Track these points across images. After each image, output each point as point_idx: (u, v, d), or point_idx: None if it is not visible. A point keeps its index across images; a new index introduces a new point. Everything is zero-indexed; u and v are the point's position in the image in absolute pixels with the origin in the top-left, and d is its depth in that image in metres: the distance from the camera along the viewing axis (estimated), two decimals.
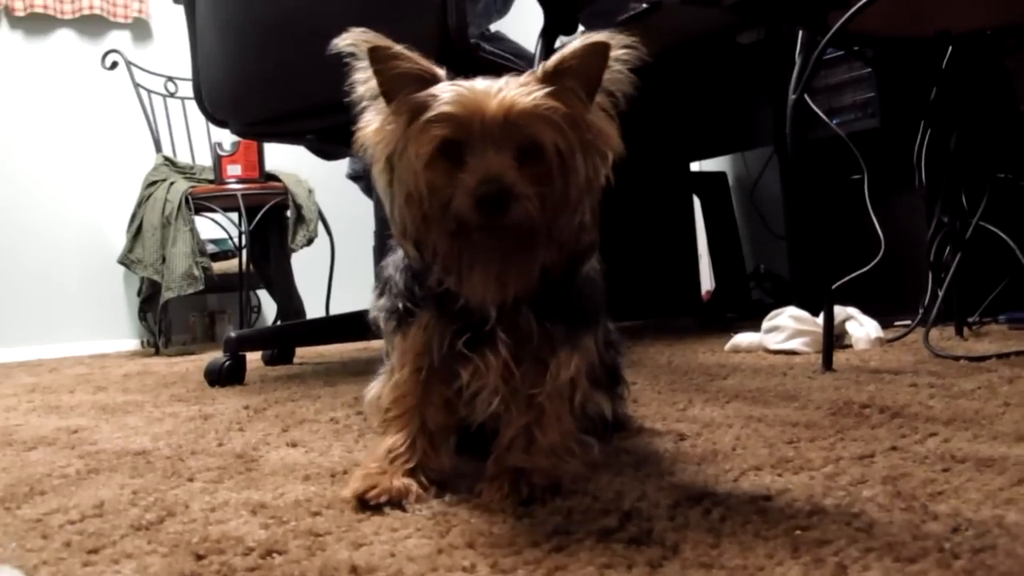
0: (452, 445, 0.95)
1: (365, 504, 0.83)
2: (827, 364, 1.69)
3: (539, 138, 0.79)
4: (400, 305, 0.91)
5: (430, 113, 0.80)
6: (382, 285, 0.96)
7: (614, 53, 0.83)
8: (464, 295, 0.84)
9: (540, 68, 0.83)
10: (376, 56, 0.83)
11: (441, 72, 0.84)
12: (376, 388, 0.97)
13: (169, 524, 0.83)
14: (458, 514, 0.80)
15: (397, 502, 0.84)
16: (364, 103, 0.86)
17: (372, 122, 0.86)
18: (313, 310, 3.67)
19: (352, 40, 0.84)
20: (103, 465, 1.16)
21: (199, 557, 0.72)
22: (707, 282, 3.73)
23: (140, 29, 4.46)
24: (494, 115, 0.78)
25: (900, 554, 0.64)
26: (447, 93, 0.80)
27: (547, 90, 0.81)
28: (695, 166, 3.74)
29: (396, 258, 0.93)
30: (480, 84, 0.81)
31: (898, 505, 0.76)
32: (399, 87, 0.83)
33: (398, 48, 0.84)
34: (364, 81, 0.85)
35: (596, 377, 0.98)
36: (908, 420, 1.14)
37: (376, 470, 0.89)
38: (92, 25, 4.34)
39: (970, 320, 2.13)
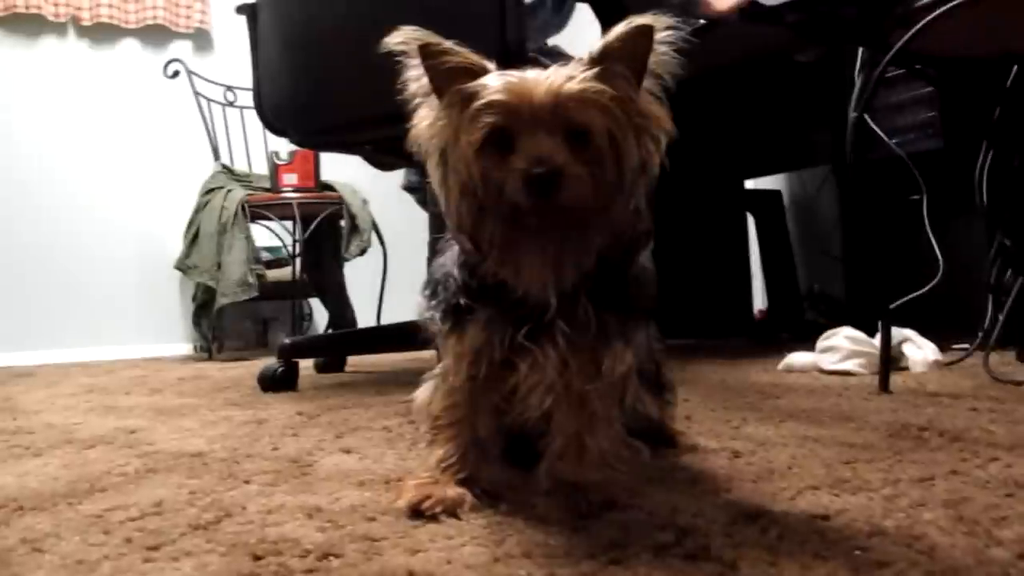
0: (500, 454, 0.95)
1: (419, 514, 0.84)
2: (883, 386, 1.66)
3: (588, 121, 0.79)
4: (457, 301, 0.89)
5: (479, 102, 0.80)
6: (434, 284, 0.94)
7: (658, 35, 0.83)
8: (521, 285, 0.83)
9: (587, 54, 0.83)
10: (427, 52, 0.84)
11: (491, 65, 0.85)
12: (426, 393, 0.97)
13: (227, 524, 0.85)
14: (513, 524, 0.80)
15: (451, 511, 0.84)
16: (417, 100, 0.87)
17: (425, 118, 0.86)
18: (364, 319, 3.70)
19: (402, 38, 0.85)
20: (160, 465, 1.18)
21: (257, 558, 0.73)
22: (760, 301, 3.69)
23: (201, 39, 4.54)
24: (542, 100, 0.79)
25: None
26: (496, 82, 0.81)
27: (594, 74, 0.81)
28: (750, 184, 3.72)
29: (452, 255, 0.92)
30: (530, 73, 0.82)
31: (960, 529, 0.75)
32: (450, 82, 0.84)
33: (448, 44, 0.84)
34: (416, 78, 0.86)
35: (645, 375, 0.97)
36: (968, 444, 1.11)
37: (428, 480, 0.89)
38: (155, 35, 4.43)
39: None
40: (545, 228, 0.80)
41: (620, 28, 0.82)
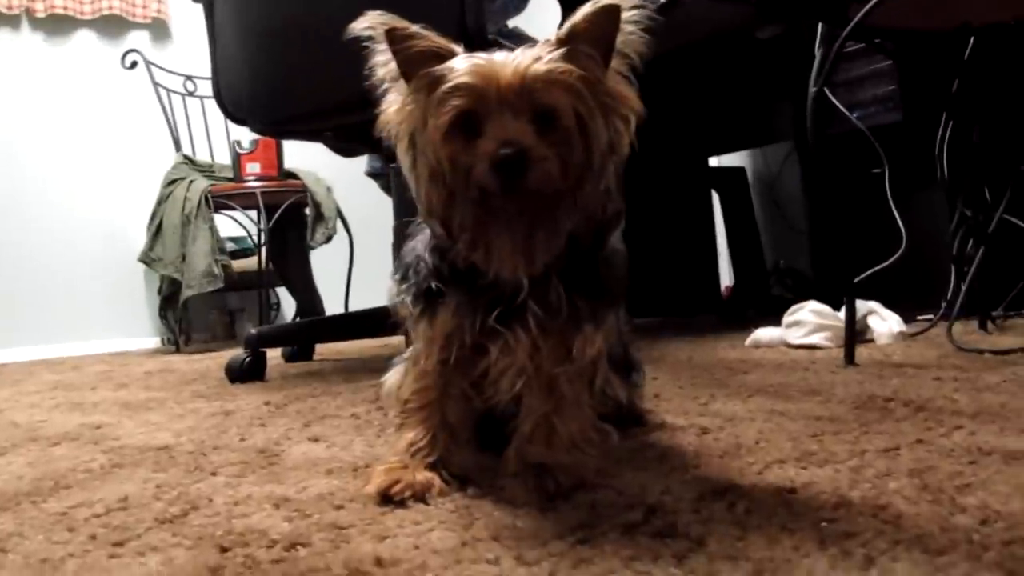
0: (470, 437, 0.94)
1: (388, 499, 0.83)
2: (849, 359, 1.67)
3: (555, 103, 0.79)
4: (429, 285, 0.89)
5: (446, 86, 0.80)
6: (405, 268, 0.94)
7: (625, 15, 0.82)
8: (492, 269, 0.83)
9: (554, 35, 0.82)
10: (393, 37, 0.83)
11: (459, 48, 0.84)
12: (395, 377, 0.97)
13: (193, 517, 0.84)
14: (481, 507, 0.80)
15: (420, 496, 0.84)
16: (385, 85, 0.86)
17: (393, 103, 0.86)
18: (332, 307, 3.68)
19: (369, 23, 0.84)
20: (126, 460, 1.16)
21: (224, 550, 0.72)
22: (726, 278, 3.71)
23: (159, 29, 4.49)
24: (509, 82, 0.78)
25: (928, 546, 0.63)
26: (462, 65, 0.80)
27: (560, 54, 0.80)
28: (713, 161, 3.73)
29: (423, 238, 0.92)
30: (497, 55, 0.81)
31: (925, 498, 0.75)
32: (418, 66, 0.83)
33: (415, 28, 0.84)
34: (384, 63, 0.85)
35: (614, 358, 0.97)
36: (933, 414, 1.13)
37: (398, 465, 0.89)
38: (112, 25, 4.37)
39: (994, 314, 2.11)
40: (514, 211, 0.79)
41: (587, 8, 0.82)
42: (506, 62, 0.79)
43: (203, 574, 0.67)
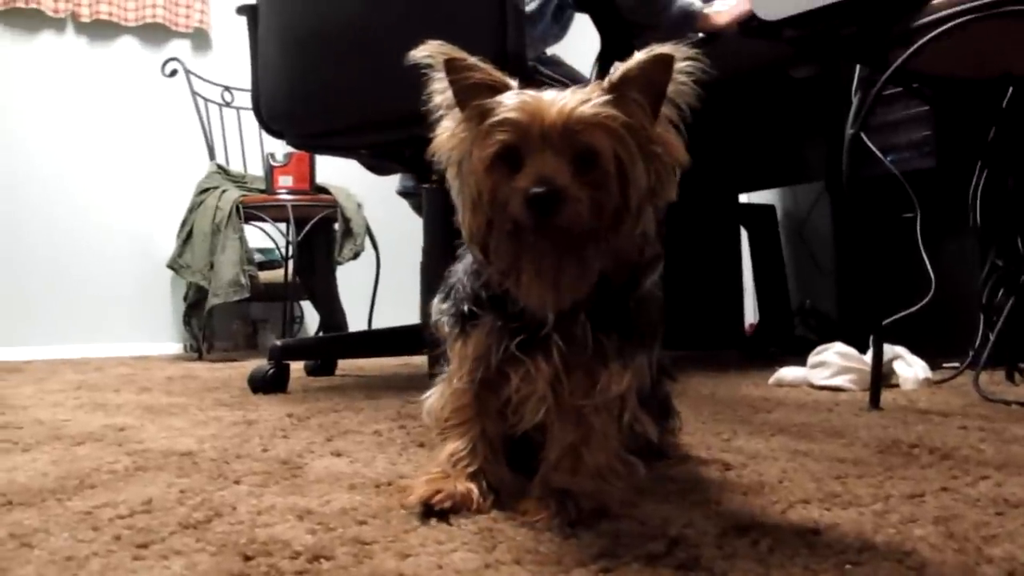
0: (505, 455, 0.96)
1: (430, 509, 0.84)
2: (874, 402, 1.66)
3: (596, 145, 0.80)
4: (465, 308, 0.92)
5: (493, 119, 0.82)
6: (447, 290, 0.97)
7: (678, 65, 0.84)
8: (521, 298, 0.85)
9: (606, 79, 0.84)
10: (452, 67, 0.86)
11: (513, 83, 0.87)
12: (435, 397, 0.98)
13: (216, 524, 0.84)
14: (504, 531, 0.80)
15: (459, 509, 0.85)
16: (440, 112, 0.89)
17: (446, 129, 0.88)
18: (355, 324, 3.70)
19: (429, 51, 0.87)
20: (150, 463, 1.17)
21: (247, 558, 0.73)
22: (751, 315, 3.70)
23: (200, 39, 4.54)
24: (553, 122, 0.80)
25: None
26: (511, 100, 0.83)
27: (608, 99, 0.82)
28: (744, 198, 3.73)
29: (466, 263, 0.95)
30: (547, 94, 0.83)
31: (951, 546, 0.75)
32: (472, 96, 0.86)
33: (472, 60, 0.87)
34: (441, 91, 0.88)
35: (645, 399, 0.98)
36: (959, 463, 1.12)
37: (439, 475, 0.90)
38: (154, 33, 4.43)
39: (1021, 365, 2.09)
40: (545, 246, 0.81)
41: (640, 56, 0.84)
42: (553, 101, 0.82)
43: None
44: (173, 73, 3.94)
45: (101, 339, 4.18)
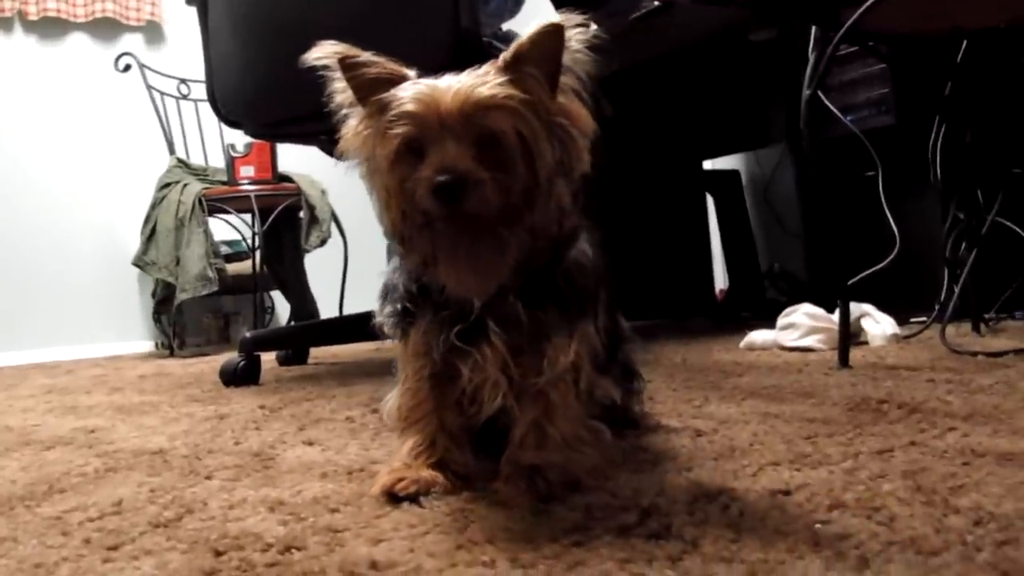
0: (469, 444, 0.95)
1: (394, 497, 0.84)
2: (843, 361, 1.68)
3: (497, 126, 0.80)
4: (400, 307, 0.93)
5: (391, 113, 0.82)
6: (385, 291, 0.97)
7: (569, 33, 0.83)
8: (446, 287, 0.85)
9: (500, 58, 0.84)
10: (347, 65, 0.86)
11: (411, 73, 0.86)
12: (393, 399, 0.98)
13: (188, 521, 0.84)
14: (476, 511, 0.80)
15: (426, 491, 0.85)
16: (344, 111, 0.89)
17: (352, 128, 0.88)
18: (326, 311, 3.68)
19: (321, 52, 0.87)
20: (121, 464, 1.16)
21: (218, 553, 0.72)
22: (721, 281, 3.71)
23: (153, 32, 4.48)
24: (450, 108, 0.80)
25: (922, 547, 0.63)
26: (407, 92, 0.82)
27: (504, 78, 0.82)
28: (708, 164, 3.73)
29: (396, 262, 0.95)
30: (442, 80, 0.83)
31: (919, 499, 0.76)
32: (371, 92, 0.86)
33: (367, 55, 0.86)
34: (341, 90, 0.88)
35: (603, 364, 0.98)
36: (926, 416, 1.13)
37: (401, 466, 0.90)
38: (105, 28, 4.35)
39: (987, 316, 2.12)
40: (457, 233, 0.81)
41: (531, 30, 0.83)
42: (448, 87, 0.81)
43: None
44: (127, 68, 3.88)
45: (71, 341, 4.14)
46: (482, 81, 0.81)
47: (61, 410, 1.84)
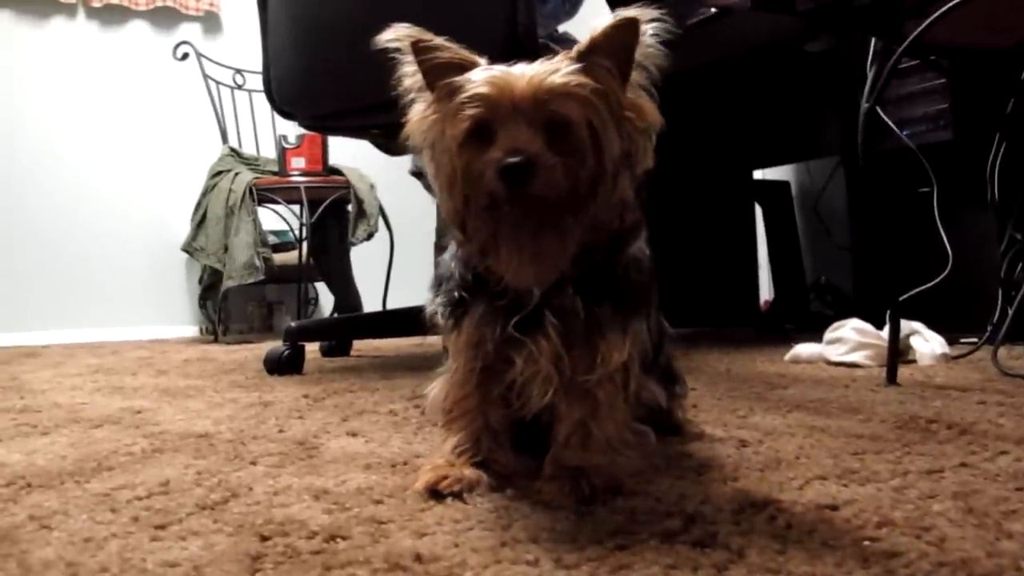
0: (511, 441, 0.95)
1: (437, 495, 0.84)
2: (891, 378, 1.66)
3: (568, 114, 0.80)
4: (456, 295, 0.92)
5: (463, 96, 0.82)
6: (439, 280, 0.97)
7: (644, 28, 0.83)
8: (505, 275, 0.84)
9: (574, 48, 0.83)
10: (418, 49, 0.86)
11: (481, 60, 0.86)
12: (437, 388, 0.98)
13: (233, 505, 0.85)
14: (520, 509, 0.80)
15: (470, 490, 0.85)
16: (412, 95, 0.88)
17: (418, 112, 0.88)
18: (370, 304, 3.70)
19: (394, 35, 0.87)
20: (167, 445, 1.18)
21: (264, 538, 0.73)
22: (766, 292, 3.68)
23: (211, 22, 4.54)
24: (523, 93, 0.80)
25: (974, 570, 0.62)
26: (480, 76, 0.82)
27: (577, 67, 0.82)
28: (758, 174, 3.70)
29: (452, 250, 0.94)
30: (516, 67, 0.83)
31: (970, 521, 0.74)
32: (441, 77, 0.86)
33: (439, 40, 0.87)
34: (411, 74, 0.88)
35: (649, 365, 0.97)
36: (977, 437, 1.11)
37: (444, 464, 0.90)
38: (164, 17, 4.42)
39: None
40: (521, 218, 0.80)
41: (606, 21, 0.83)
42: (522, 74, 0.81)
43: (244, 561, 0.67)
44: (184, 56, 3.94)
45: (117, 323, 4.20)
46: (555, 69, 0.81)
47: (108, 390, 1.87)
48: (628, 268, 0.90)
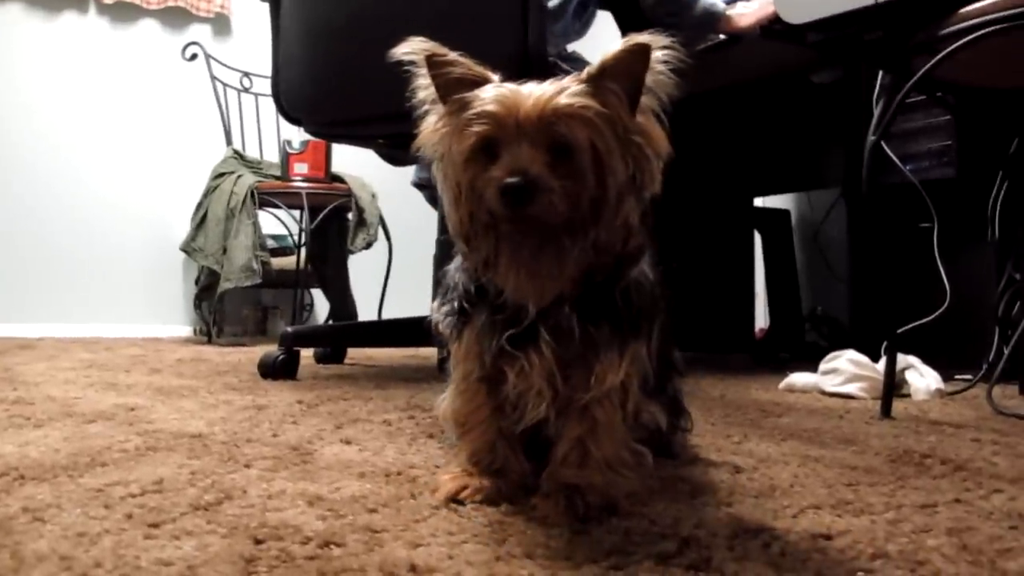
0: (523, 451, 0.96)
1: (459, 504, 0.86)
2: (886, 411, 1.66)
3: (572, 136, 0.80)
4: (458, 305, 0.93)
5: (471, 112, 0.83)
6: (444, 289, 0.97)
7: (655, 54, 0.83)
8: (503, 289, 0.86)
9: (585, 71, 0.84)
10: (433, 62, 0.87)
11: (494, 76, 0.88)
12: (448, 401, 0.98)
13: (227, 507, 0.84)
14: (514, 524, 0.80)
15: (490, 499, 0.86)
16: (425, 107, 0.89)
17: (430, 124, 0.89)
18: (365, 313, 3.70)
19: (410, 48, 0.88)
20: (160, 444, 1.18)
21: (258, 541, 0.73)
22: (761, 320, 3.69)
23: (220, 24, 4.55)
24: (528, 113, 0.80)
25: None
26: (489, 93, 0.83)
27: (585, 90, 0.82)
28: (758, 202, 3.71)
29: (457, 261, 0.95)
30: (525, 86, 0.84)
31: (964, 558, 0.74)
32: (454, 91, 0.87)
33: (453, 55, 0.88)
34: (424, 87, 0.89)
35: (652, 391, 0.98)
36: (972, 475, 1.11)
37: (462, 473, 0.91)
38: (175, 17, 4.43)
39: None
40: (521, 237, 0.82)
41: (618, 46, 0.83)
42: (530, 93, 0.82)
43: (238, 563, 0.67)
44: (193, 57, 3.95)
45: (112, 319, 4.19)
46: (563, 90, 0.82)
47: (101, 385, 1.86)
48: (629, 291, 0.90)
